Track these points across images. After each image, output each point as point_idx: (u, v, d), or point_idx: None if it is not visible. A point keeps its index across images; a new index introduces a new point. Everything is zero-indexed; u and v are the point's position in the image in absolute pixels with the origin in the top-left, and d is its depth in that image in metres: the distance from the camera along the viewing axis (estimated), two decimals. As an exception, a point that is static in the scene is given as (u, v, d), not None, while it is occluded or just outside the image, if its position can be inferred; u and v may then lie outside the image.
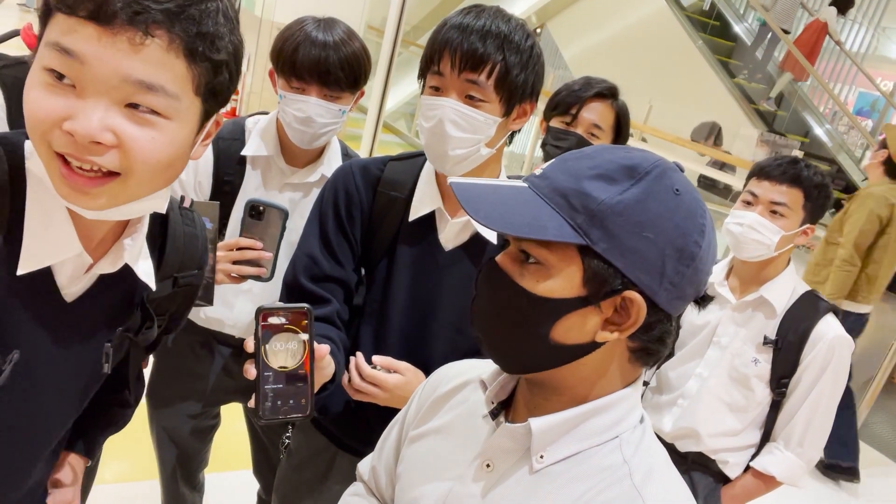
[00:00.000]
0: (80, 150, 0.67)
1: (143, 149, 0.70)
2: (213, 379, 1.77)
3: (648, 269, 0.69)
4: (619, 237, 0.68)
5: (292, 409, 0.88)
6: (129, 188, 0.72)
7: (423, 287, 1.28)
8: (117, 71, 0.67)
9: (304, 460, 1.45)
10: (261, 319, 0.87)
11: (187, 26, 0.69)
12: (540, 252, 0.71)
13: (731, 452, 1.77)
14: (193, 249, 0.99)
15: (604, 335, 0.71)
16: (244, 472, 2.08)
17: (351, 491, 1.06)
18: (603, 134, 1.79)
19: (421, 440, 0.92)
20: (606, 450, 0.75)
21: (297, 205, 1.61)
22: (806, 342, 1.67)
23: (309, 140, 1.53)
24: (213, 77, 0.74)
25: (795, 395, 1.69)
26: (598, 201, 0.69)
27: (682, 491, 0.76)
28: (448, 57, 1.14)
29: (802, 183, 1.66)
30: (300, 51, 1.44)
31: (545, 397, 0.78)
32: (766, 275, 1.75)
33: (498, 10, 1.18)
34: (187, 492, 1.94)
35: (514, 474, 0.78)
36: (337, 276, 1.30)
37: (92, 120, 0.66)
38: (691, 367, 1.81)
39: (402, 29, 6.04)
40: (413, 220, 1.27)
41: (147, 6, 0.66)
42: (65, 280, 0.82)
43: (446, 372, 0.98)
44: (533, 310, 0.72)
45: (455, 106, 1.15)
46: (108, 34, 0.66)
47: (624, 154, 0.73)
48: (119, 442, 1.01)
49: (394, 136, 9.80)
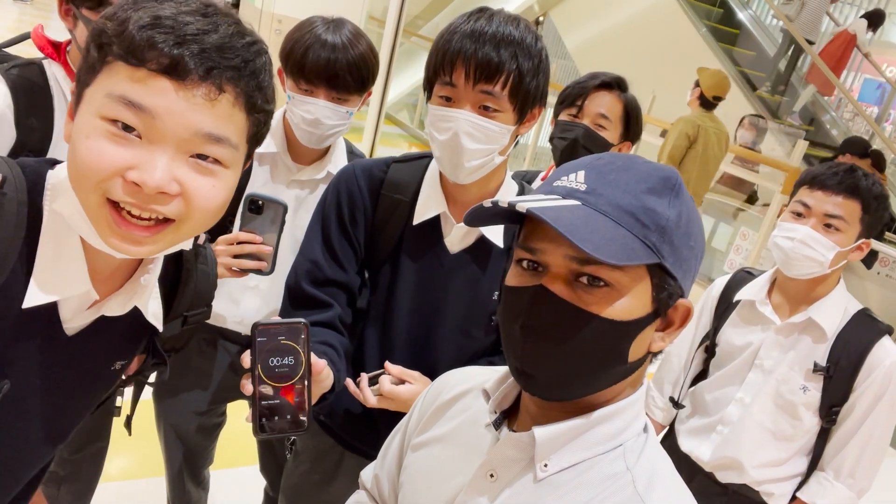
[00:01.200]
0: (144, 199, 0.68)
1: (206, 197, 0.72)
2: (220, 376, 1.78)
3: (691, 276, 0.73)
4: (679, 249, 0.71)
5: (289, 425, 0.88)
6: (182, 234, 0.74)
7: (429, 290, 1.28)
8: (190, 125, 0.68)
9: (310, 460, 1.45)
10: (257, 335, 0.86)
11: (249, 81, 0.72)
12: (612, 275, 0.68)
13: (775, 483, 1.67)
14: (204, 288, 0.98)
15: (658, 344, 0.73)
16: (249, 469, 2.08)
17: (354, 499, 1.06)
18: (610, 125, 1.76)
19: (423, 448, 0.92)
20: (610, 458, 0.75)
21: (304, 201, 1.63)
22: (860, 369, 1.55)
23: (317, 141, 1.56)
24: (262, 126, 0.78)
25: (848, 424, 1.58)
26: (665, 217, 0.69)
27: (686, 498, 0.76)
28: (462, 68, 1.11)
29: (861, 194, 1.53)
30: (309, 54, 1.46)
31: (550, 407, 0.76)
32: (816, 294, 1.61)
33: (505, 14, 1.16)
34: (193, 489, 1.95)
35: (518, 483, 0.77)
36: (339, 279, 1.29)
37: (160, 171, 0.67)
38: (731, 391, 1.70)
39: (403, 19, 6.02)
40: (417, 224, 1.26)
41: (218, 62, 0.69)
42: (68, 314, 0.81)
43: (448, 379, 0.97)
44: (611, 335, 0.70)
45: (470, 118, 1.13)
46: (184, 89, 0.67)
47: (648, 164, 0.74)
48: (125, 439, 1.00)
49: (396, 127, 9.77)
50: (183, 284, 0.93)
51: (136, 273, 0.84)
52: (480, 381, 0.87)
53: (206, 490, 2.03)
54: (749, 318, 1.72)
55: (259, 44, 0.74)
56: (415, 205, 1.28)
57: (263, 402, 0.87)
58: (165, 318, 0.92)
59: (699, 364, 1.84)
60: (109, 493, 2.31)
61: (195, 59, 0.67)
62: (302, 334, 0.88)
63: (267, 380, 0.86)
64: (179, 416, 1.81)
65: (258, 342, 0.86)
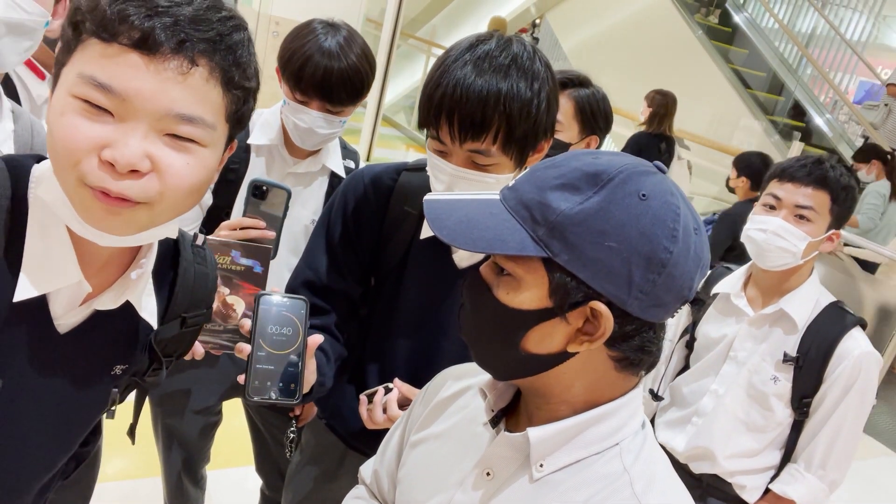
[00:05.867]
0: (116, 177, 0.67)
1: (178, 174, 0.70)
2: (216, 375, 1.78)
3: (614, 278, 0.67)
4: (579, 248, 0.67)
5: (281, 393, 0.90)
6: (156, 213, 0.72)
7: (435, 304, 1.26)
8: (161, 106, 0.67)
9: (314, 457, 1.45)
10: (260, 303, 0.89)
11: (226, 55, 0.70)
12: (508, 265, 0.72)
13: (748, 475, 1.68)
14: (204, 289, 0.96)
15: (574, 346, 0.71)
16: (245, 469, 2.08)
17: (353, 494, 1.06)
18: (563, 126, 1.75)
19: (422, 445, 0.93)
20: (607, 458, 0.75)
21: (300, 194, 1.64)
22: (830, 359, 1.56)
23: (310, 145, 1.60)
24: (242, 105, 0.76)
25: (818, 415, 1.59)
26: (557, 212, 0.68)
27: (685, 499, 0.76)
28: (446, 126, 1.07)
29: (829, 184, 1.55)
30: (306, 68, 1.47)
31: (537, 405, 0.78)
32: (789, 285, 1.63)
33: (496, 57, 1.05)
34: (190, 488, 1.96)
35: (515, 483, 0.78)
36: (339, 288, 1.28)
37: (131, 147, 0.66)
38: (706, 382, 1.72)
39: (400, 22, 6.03)
40: (425, 238, 1.25)
41: (190, 34, 0.67)
42: (59, 310, 0.79)
43: (447, 376, 0.98)
44: (505, 320, 0.73)
45: (463, 174, 1.10)
46: (155, 62, 0.66)
47: (591, 160, 0.71)
48: (121, 439, 1.00)
49: (393, 129, 9.77)
50: (180, 284, 0.93)
51: (128, 269, 0.83)
52: (480, 378, 0.87)
53: (203, 490, 2.03)
54: (725, 311, 1.74)
55: (237, 19, 0.72)
56: (423, 218, 1.23)
57: (258, 366, 0.88)
58: (163, 318, 0.90)
59: (681, 359, 1.86)
60: (107, 493, 2.32)
61: (167, 32, 0.66)
62: (302, 310, 0.91)
63: (264, 345, 0.88)
64: (176, 416, 1.81)
65: (260, 309, 0.89)
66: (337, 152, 1.71)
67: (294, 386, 0.90)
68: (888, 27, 9.54)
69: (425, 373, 1.24)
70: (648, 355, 0.74)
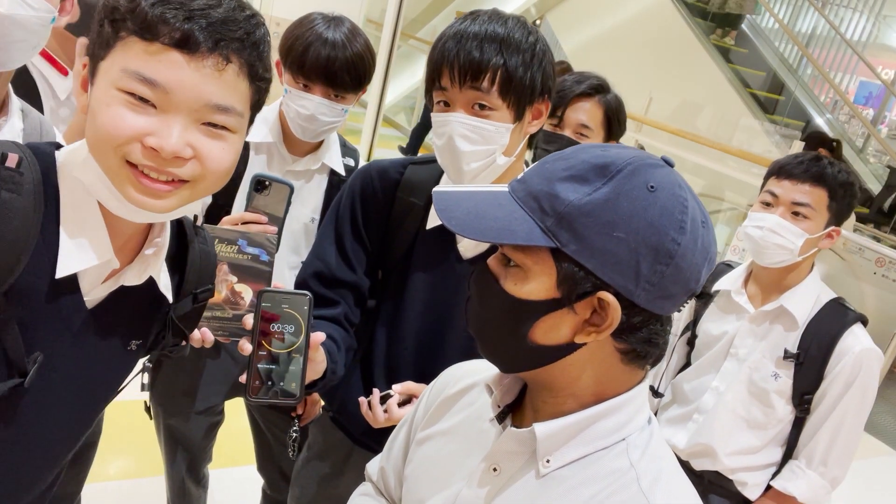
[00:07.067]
0: (161, 163, 0.75)
1: (217, 158, 0.79)
2: (218, 374, 1.78)
3: (622, 269, 0.68)
4: (588, 238, 0.68)
5: (282, 393, 0.89)
6: (197, 191, 0.81)
7: (440, 295, 1.28)
8: (201, 97, 0.75)
9: (321, 453, 1.46)
10: (262, 300, 0.89)
11: (252, 51, 0.79)
12: (516, 256, 0.72)
13: (749, 472, 1.68)
14: (209, 266, 1.03)
15: (582, 337, 0.71)
16: (248, 468, 2.09)
17: (360, 491, 1.07)
18: (592, 133, 1.76)
19: (429, 442, 0.93)
20: (613, 453, 0.75)
21: (299, 193, 1.64)
22: (830, 356, 1.56)
23: (311, 135, 1.59)
24: (262, 94, 0.85)
25: (819, 412, 1.59)
26: (565, 203, 0.69)
27: (691, 496, 0.76)
28: (447, 70, 1.13)
29: (826, 181, 1.56)
30: (310, 52, 1.49)
31: (543, 399, 0.78)
32: (789, 282, 1.64)
33: (494, 13, 1.16)
34: (192, 487, 1.96)
35: (521, 478, 0.78)
36: (348, 280, 1.30)
37: (175, 137, 0.74)
38: (707, 379, 1.72)
39: (401, 22, 6.03)
40: (431, 228, 1.26)
41: (225, 34, 0.75)
42: (87, 286, 0.84)
43: (454, 372, 0.98)
44: (513, 311, 0.73)
45: (462, 119, 1.14)
46: (195, 60, 0.74)
47: (599, 153, 0.71)
48: (124, 438, 1.01)
49: (394, 129, 9.77)
50: (189, 261, 0.97)
51: (143, 247, 0.88)
52: (486, 374, 0.87)
53: (205, 489, 2.04)
54: (725, 308, 1.75)
55: (258, 16, 0.80)
56: (429, 209, 1.27)
57: (259, 365, 0.88)
58: (177, 296, 0.96)
59: (683, 356, 1.86)
60: (109, 492, 2.32)
61: (204, 33, 0.74)
62: (305, 306, 0.91)
63: (266, 344, 0.88)
64: (178, 415, 1.82)
65: (262, 307, 0.89)
66: (336, 150, 1.71)
67: (295, 385, 0.90)
68: (888, 27, 9.54)
69: (431, 365, 1.25)
70: (655, 348, 0.75)
